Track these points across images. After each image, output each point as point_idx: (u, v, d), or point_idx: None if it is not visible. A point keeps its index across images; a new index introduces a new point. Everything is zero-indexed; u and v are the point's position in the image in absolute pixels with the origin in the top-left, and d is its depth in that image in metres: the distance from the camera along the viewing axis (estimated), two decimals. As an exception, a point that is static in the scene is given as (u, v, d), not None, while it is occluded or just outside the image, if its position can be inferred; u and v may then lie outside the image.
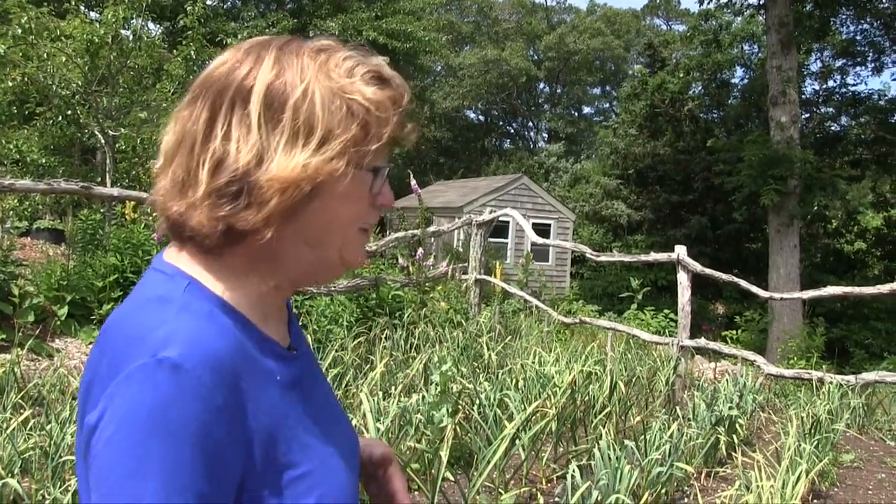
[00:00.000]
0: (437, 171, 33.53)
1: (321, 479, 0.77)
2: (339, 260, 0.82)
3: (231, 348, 0.72)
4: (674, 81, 21.13)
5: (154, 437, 0.64)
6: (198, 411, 0.66)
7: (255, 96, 0.74)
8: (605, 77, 40.81)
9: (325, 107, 0.75)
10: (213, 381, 0.67)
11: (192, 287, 0.75)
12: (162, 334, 0.68)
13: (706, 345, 5.86)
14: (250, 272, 0.79)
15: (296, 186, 0.73)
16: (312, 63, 0.76)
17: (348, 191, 0.77)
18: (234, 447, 0.69)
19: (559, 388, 4.13)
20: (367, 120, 0.77)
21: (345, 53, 0.79)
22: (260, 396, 0.73)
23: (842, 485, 4.02)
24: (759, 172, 14.09)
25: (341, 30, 21.20)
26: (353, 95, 0.76)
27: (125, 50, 8.86)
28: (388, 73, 0.81)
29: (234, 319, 0.76)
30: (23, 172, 9.17)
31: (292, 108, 0.74)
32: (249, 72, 0.75)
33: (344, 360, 4.60)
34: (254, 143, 0.73)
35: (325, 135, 0.74)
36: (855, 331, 15.55)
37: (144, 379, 0.66)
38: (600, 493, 2.89)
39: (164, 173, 0.77)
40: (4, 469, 2.82)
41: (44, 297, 5.78)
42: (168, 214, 0.77)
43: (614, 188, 22.23)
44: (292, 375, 0.81)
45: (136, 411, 0.65)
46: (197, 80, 0.79)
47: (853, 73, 20.06)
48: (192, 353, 0.67)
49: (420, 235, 6.83)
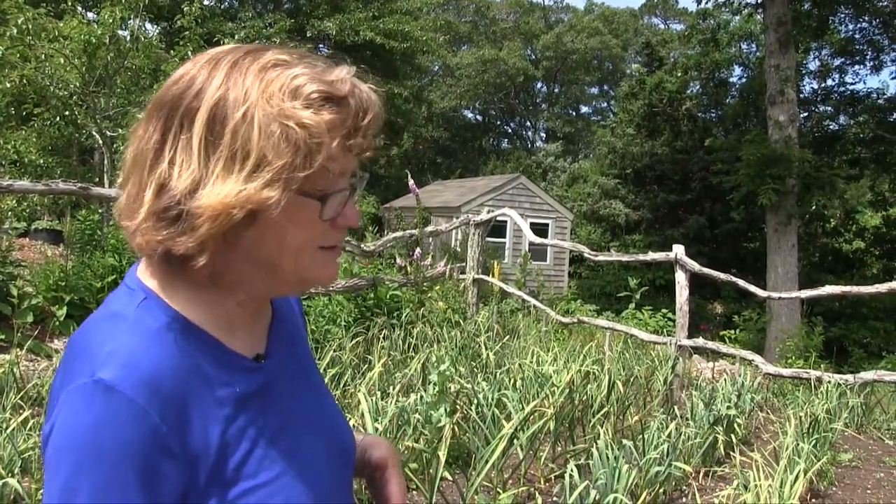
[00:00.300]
0: (434, 171, 33.53)
1: (280, 489, 0.77)
2: (299, 280, 0.80)
3: (176, 367, 0.72)
4: (672, 81, 21.14)
5: (86, 458, 0.66)
6: (130, 433, 0.67)
7: (199, 119, 0.73)
8: (603, 76, 40.84)
9: (263, 131, 0.71)
10: (148, 402, 0.68)
11: (148, 303, 0.76)
12: (104, 352, 0.70)
13: (704, 344, 5.86)
14: (211, 287, 0.79)
15: (227, 214, 0.71)
16: (259, 83, 0.73)
17: (292, 217, 0.75)
18: (172, 465, 0.70)
19: (557, 387, 4.13)
20: (301, 146, 0.72)
21: (297, 71, 0.74)
22: (209, 412, 0.74)
23: (840, 484, 4.02)
24: (757, 172, 14.11)
25: (338, 30, 21.22)
26: (289, 121, 0.72)
27: (122, 50, 8.86)
28: (342, 92, 0.75)
29: (189, 334, 0.76)
30: (21, 173, 9.16)
31: (231, 132, 0.72)
32: (199, 93, 0.73)
33: (342, 360, 4.60)
34: (193, 169, 0.72)
35: (259, 161, 0.71)
36: (853, 330, 15.57)
37: (81, 399, 0.68)
38: (598, 493, 2.90)
39: (123, 189, 0.78)
40: (4, 469, 2.82)
41: (42, 298, 5.78)
42: (124, 230, 0.78)
43: (612, 188, 22.24)
44: (257, 386, 0.81)
45: (72, 431, 0.67)
46: (154, 97, 0.78)
47: (852, 71, 20.10)
48: (128, 374, 0.69)
49: (418, 235, 6.83)
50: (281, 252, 0.77)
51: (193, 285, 0.78)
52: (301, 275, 0.79)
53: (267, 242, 0.76)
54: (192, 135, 0.72)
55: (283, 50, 0.78)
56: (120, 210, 0.77)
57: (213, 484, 0.73)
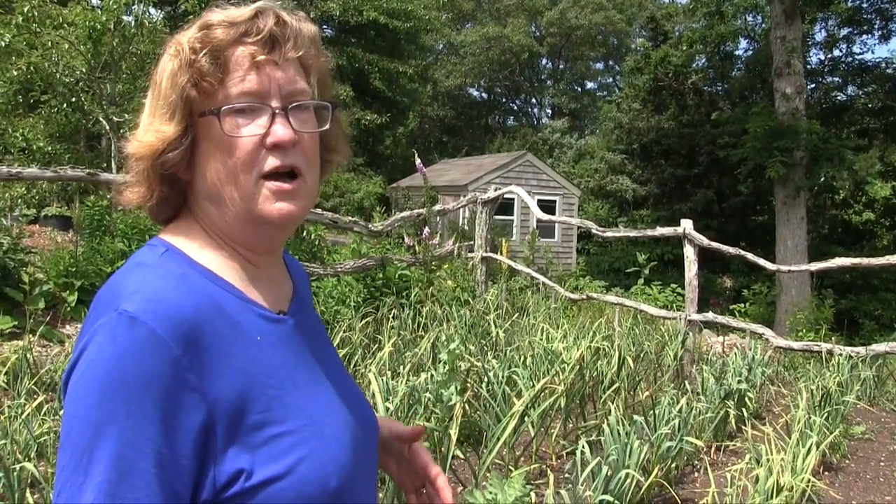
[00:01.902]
0: (440, 150, 33.41)
1: (306, 439, 0.77)
2: (250, 215, 0.81)
3: (199, 305, 0.75)
4: (677, 55, 20.91)
5: (109, 386, 0.68)
6: (151, 363, 0.69)
7: (152, 83, 0.84)
8: (608, 52, 40.38)
9: (164, 69, 0.81)
10: (170, 334, 0.71)
11: (170, 253, 0.81)
12: (129, 291, 0.74)
13: (714, 319, 5.85)
14: (214, 240, 0.84)
15: (149, 148, 0.80)
16: (178, 36, 0.83)
17: (213, 140, 0.80)
18: (193, 399, 0.71)
19: (567, 364, 4.14)
20: (186, 69, 0.79)
21: (211, 17, 0.82)
22: (232, 353, 0.76)
23: (853, 457, 4.03)
24: (764, 145, 13.99)
25: (342, 10, 21.06)
26: (176, 51, 0.80)
27: (127, 36, 8.82)
28: (231, 17, 0.81)
29: (211, 281, 0.80)
30: (29, 160, 9.19)
31: (156, 82, 0.82)
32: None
33: (352, 341, 4.62)
34: (143, 120, 0.84)
35: (165, 97, 0.80)
36: (864, 302, 15.50)
37: (107, 331, 0.71)
38: (610, 469, 2.91)
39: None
40: (21, 453, 2.85)
41: (53, 284, 5.81)
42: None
43: (619, 163, 22.12)
44: (278, 337, 0.83)
45: (97, 361, 0.70)
46: None
47: (859, 41, 19.80)
48: (150, 307, 0.72)
49: (426, 214, 6.81)
50: (221, 180, 0.80)
51: (205, 243, 0.84)
52: (248, 206, 0.81)
53: (208, 174, 0.81)
54: (148, 96, 0.84)
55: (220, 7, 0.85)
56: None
57: (237, 427, 0.73)
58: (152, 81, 0.83)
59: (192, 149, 0.81)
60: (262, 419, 0.75)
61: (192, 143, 0.81)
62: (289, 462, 0.75)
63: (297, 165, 0.82)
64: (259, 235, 0.84)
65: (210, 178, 0.81)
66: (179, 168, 0.81)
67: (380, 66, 22.30)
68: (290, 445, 0.76)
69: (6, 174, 4.56)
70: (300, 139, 0.82)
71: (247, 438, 0.73)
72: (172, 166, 0.81)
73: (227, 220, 0.82)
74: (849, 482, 3.67)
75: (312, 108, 0.86)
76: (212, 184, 0.81)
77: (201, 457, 0.71)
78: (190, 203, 0.85)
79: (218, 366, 0.74)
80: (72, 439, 0.68)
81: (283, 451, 0.75)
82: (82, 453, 0.67)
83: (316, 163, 0.87)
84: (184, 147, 0.80)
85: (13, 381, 3.77)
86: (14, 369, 3.89)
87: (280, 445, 0.75)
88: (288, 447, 0.75)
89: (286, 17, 0.83)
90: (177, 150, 0.80)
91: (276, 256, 0.92)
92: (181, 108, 0.79)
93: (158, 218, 0.86)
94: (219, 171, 0.80)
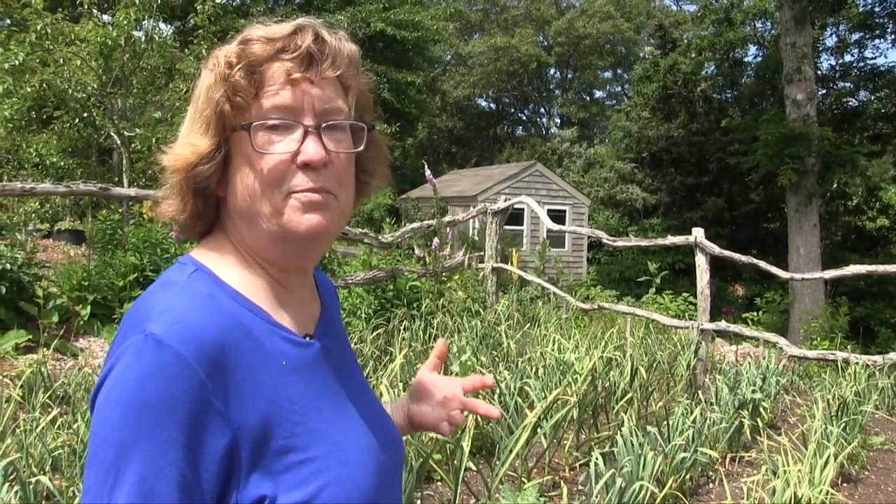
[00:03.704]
0: (450, 161, 33.45)
1: (330, 466, 0.77)
2: (280, 229, 0.80)
3: (225, 328, 0.75)
4: (686, 62, 20.88)
5: (133, 410, 0.68)
6: (176, 387, 0.69)
7: (192, 97, 0.84)
8: (617, 60, 40.39)
9: (202, 84, 0.82)
10: (195, 357, 0.70)
11: (199, 273, 0.81)
12: (156, 312, 0.74)
13: (727, 327, 5.81)
14: (245, 260, 0.84)
15: (182, 160, 0.80)
16: (216, 51, 0.83)
17: (244, 156, 0.80)
18: (217, 423, 0.70)
19: (579, 374, 4.12)
20: (222, 84, 0.80)
21: (251, 32, 0.82)
22: (258, 377, 0.75)
23: (872, 468, 3.97)
24: (775, 152, 13.91)
25: (350, 22, 21.21)
26: (214, 65, 0.81)
27: (138, 51, 8.90)
28: (270, 33, 0.82)
29: (238, 302, 0.80)
30: (43, 175, 9.26)
31: (195, 96, 0.83)
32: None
33: (363, 352, 4.62)
34: (181, 134, 0.84)
35: (202, 111, 0.81)
36: (880, 309, 15.31)
37: (133, 353, 0.71)
38: (624, 480, 2.89)
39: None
40: (36, 467, 2.86)
41: (67, 298, 5.85)
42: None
43: (629, 172, 22.06)
44: (304, 361, 0.82)
45: (123, 383, 0.69)
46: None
47: (871, 46, 19.71)
48: (176, 330, 0.71)
49: (435, 225, 6.82)
50: (251, 196, 0.80)
51: (235, 262, 0.84)
52: (278, 222, 0.80)
53: (238, 190, 0.81)
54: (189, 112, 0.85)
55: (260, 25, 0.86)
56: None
57: (260, 453, 0.73)
58: (192, 95, 0.84)
59: (225, 164, 0.82)
60: (285, 445, 0.74)
61: (224, 159, 0.81)
62: (311, 489, 0.74)
63: (327, 188, 0.81)
64: (289, 253, 0.83)
65: (241, 194, 0.81)
66: (211, 182, 0.82)
67: (388, 77, 22.41)
68: (312, 472, 0.75)
69: (20, 190, 4.61)
70: (332, 159, 0.81)
71: (269, 464, 0.73)
72: (204, 180, 0.81)
73: (258, 237, 0.82)
74: (869, 494, 3.62)
75: (348, 128, 0.84)
76: (242, 200, 0.81)
77: (224, 482, 0.71)
78: (223, 219, 0.86)
79: (243, 390, 0.73)
80: (97, 459, 0.68)
81: (306, 478, 0.75)
82: (107, 474, 0.67)
83: (349, 184, 0.85)
84: (216, 161, 0.80)
85: (28, 394, 3.79)
86: (29, 383, 3.92)
87: (303, 472, 0.75)
88: (310, 474, 0.75)
89: (325, 34, 0.83)
90: (209, 164, 0.80)
91: (306, 276, 0.91)
92: (215, 122, 0.80)
93: (192, 232, 0.87)
94: (249, 186, 0.80)
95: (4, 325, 5.21)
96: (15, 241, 5.97)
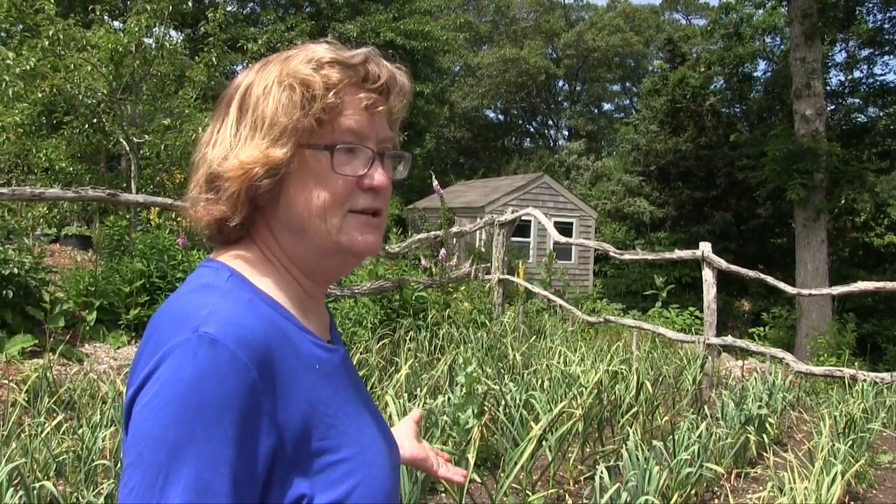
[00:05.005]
0: (457, 171, 33.49)
1: (359, 467, 0.80)
2: (335, 245, 0.84)
3: (269, 332, 0.77)
4: (695, 76, 20.93)
5: (188, 409, 0.68)
6: (232, 386, 0.70)
7: (233, 104, 0.85)
8: (625, 73, 40.49)
9: (275, 98, 0.82)
10: (249, 358, 0.72)
11: (235, 277, 0.82)
12: (204, 313, 0.74)
13: (733, 342, 5.78)
14: (266, 263, 0.86)
15: (245, 171, 0.80)
16: (282, 64, 0.84)
17: (310, 172, 0.82)
18: (266, 423, 0.72)
19: (585, 388, 4.10)
20: (305, 103, 0.81)
21: (316, 47, 0.85)
22: (297, 380, 0.78)
23: (880, 487, 3.94)
24: (783, 167, 13.90)
25: (359, 32, 21.33)
26: (294, 81, 0.82)
27: (148, 58, 8.96)
28: (352, 60, 0.84)
29: (273, 308, 0.82)
30: (52, 180, 9.31)
31: (253, 107, 0.83)
32: (237, 86, 0.86)
33: (369, 363, 4.61)
34: (224, 142, 0.83)
35: (272, 123, 0.81)
36: (887, 326, 15.23)
37: (185, 352, 0.70)
38: (629, 495, 2.87)
39: (191, 179, 0.89)
40: (41, 472, 2.86)
41: (73, 303, 5.86)
42: (187, 213, 0.88)
43: (636, 185, 22.07)
44: (333, 366, 0.86)
45: (175, 382, 0.69)
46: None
47: (881, 62, 19.81)
48: (230, 330, 0.72)
49: (442, 236, 6.82)
50: (309, 212, 0.82)
51: (265, 270, 0.85)
52: (334, 239, 0.83)
53: (296, 205, 0.83)
54: (228, 116, 0.85)
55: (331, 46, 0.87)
56: (186, 198, 0.88)
57: (299, 453, 0.75)
58: (242, 105, 0.84)
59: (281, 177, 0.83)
60: (321, 446, 0.77)
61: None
62: (344, 489, 0.78)
63: (381, 209, 0.87)
64: (335, 267, 0.89)
65: (297, 208, 0.83)
66: (268, 192, 0.83)
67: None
68: (345, 473, 0.78)
69: (30, 194, 4.63)
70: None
71: (307, 465, 0.76)
72: (260, 189, 0.82)
73: (304, 249, 0.85)
74: (874, 512, 3.59)
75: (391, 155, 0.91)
76: (296, 214, 0.83)
77: (267, 482, 0.73)
78: (256, 228, 0.86)
79: (286, 391, 0.75)
80: (144, 459, 0.68)
81: (340, 478, 0.78)
82: (157, 474, 0.67)
83: (388, 205, 0.91)
84: (280, 174, 0.82)
85: (33, 399, 3.79)
86: (34, 387, 3.92)
87: (336, 472, 0.78)
88: (343, 474, 0.78)
89: (395, 70, 0.89)
90: (275, 175, 0.81)
91: (326, 290, 0.95)
92: (295, 136, 0.81)
93: (228, 238, 0.86)
94: (309, 201, 0.82)
95: (11, 329, 5.22)
96: (22, 245, 5.99)
